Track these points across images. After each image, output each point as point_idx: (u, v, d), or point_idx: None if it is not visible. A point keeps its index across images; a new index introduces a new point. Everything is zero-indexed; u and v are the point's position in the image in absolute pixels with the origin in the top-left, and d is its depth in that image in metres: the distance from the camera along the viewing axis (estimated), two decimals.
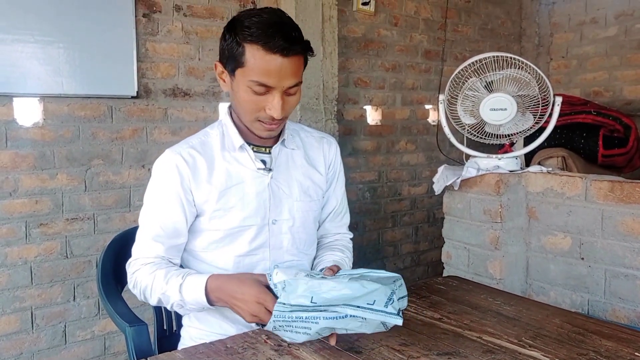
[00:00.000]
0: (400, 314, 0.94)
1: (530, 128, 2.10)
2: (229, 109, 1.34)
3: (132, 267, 1.24)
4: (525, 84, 2.04)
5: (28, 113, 2.17)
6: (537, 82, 2.02)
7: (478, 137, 2.17)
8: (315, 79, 2.78)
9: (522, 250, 2.12)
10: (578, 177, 1.96)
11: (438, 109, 2.25)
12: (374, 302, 0.92)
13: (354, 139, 3.23)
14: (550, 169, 2.12)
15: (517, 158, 2.16)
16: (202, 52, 2.58)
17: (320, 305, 0.92)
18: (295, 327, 0.94)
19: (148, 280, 1.19)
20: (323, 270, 1.17)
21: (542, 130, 2.12)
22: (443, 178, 2.20)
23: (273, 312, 0.95)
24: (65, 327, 2.31)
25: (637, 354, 1.04)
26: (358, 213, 3.24)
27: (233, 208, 1.25)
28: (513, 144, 2.28)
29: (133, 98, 2.39)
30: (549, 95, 2.04)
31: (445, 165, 2.30)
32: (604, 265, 1.88)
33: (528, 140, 2.19)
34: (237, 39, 1.14)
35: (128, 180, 2.41)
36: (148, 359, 1.03)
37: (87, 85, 2.26)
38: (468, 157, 2.24)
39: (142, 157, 2.44)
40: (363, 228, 3.29)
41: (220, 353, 1.02)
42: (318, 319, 0.93)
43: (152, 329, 1.38)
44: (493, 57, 2.04)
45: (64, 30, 2.19)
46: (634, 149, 2.86)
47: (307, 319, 0.93)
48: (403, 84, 3.44)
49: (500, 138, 2.15)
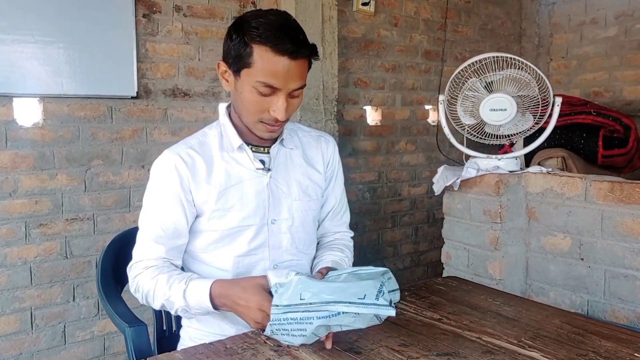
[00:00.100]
0: (393, 305, 0.94)
1: (530, 128, 2.10)
2: (227, 109, 1.34)
3: (133, 270, 1.23)
4: (525, 85, 2.04)
5: (28, 113, 2.17)
6: (537, 82, 2.02)
7: (478, 137, 2.17)
8: (315, 79, 2.79)
9: (521, 251, 2.12)
10: (578, 177, 1.96)
11: (438, 110, 2.25)
12: (365, 296, 0.92)
13: (354, 140, 3.23)
14: (550, 170, 2.12)
15: (516, 158, 2.16)
16: (202, 52, 2.58)
17: (311, 303, 0.93)
18: (291, 330, 0.94)
19: (150, 285, 1.18)
20: (314, 274, 1.18)
21: (542, 131, 2.12)
22: (443, 178, 2.20)
23: (270, 315, 0.95)
24: (65, 327, 2.31)
25: (636, 355, 1.04)
26: (358, 213, 3.24)
27: (232, 208, 1.25)
28: (513, 145, 2.28)
29: (133, 98, 2.39)
30: (549, 96, 2.03)
31: (445, 166, 2.30)
32: (604, 266, 1.88)
33: (528, 141, 2.19)
34: (244, 39, 1.14)
35: (128, 181, 2.41)
36: None
37: (87, 86, 2.26)
38: (468, 157, 2.24)
39: (142, 157, 2.44)
40: (363, 228, 3.29)
41: (220, 353, 1.02)
42: (312, 319, 0.93)
43: (151, 330, 1.38)
44: (493, 57, 2.04)
45: (64, 31, 2.19)
46: (634, 150, 2.86)
47: (301, 320, 0.93)
48: (403, 85, 3.44)
49: (500, 138, 2.15)
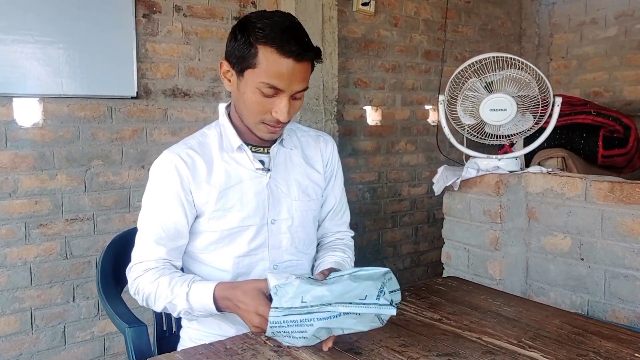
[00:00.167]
0: (394, 305, 0.93)
1: (530, 128, 2.10)
2: (227, 109, 1.34)
3: (133, 272, 1.22)
4: (525, 85, 2.04)
5: (28, 113, 2.17)
6: (537, 82, 2.02)
7: (478, 137, 2.17)
8: (315, 80, 2.79)
9: (522, 251, 2.12)
10: (578, 177, 1.96)
11: (438, 110, 2.25)
12: (366, 296, 0.92)
13: (354, 140, 3.23)
14: (550, 170, 2.12)
15: (517, 158, 2.16)
16: (202, 52, 2.58)
17: (312, 306, 0.92)
18: (292, 332, 0.94)
19: (151, 288, 1.18)
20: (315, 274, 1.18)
21: (542, 131, 2.12)
22: (443, 178, 2.20)
23: (268, 318, 0.95)
24: (65, 327, 2.31)
25: (637, 355, 1.04)
26: (358, 213, 3.24)
27: (232, 208, 1.25)
28: (513, 145, 2.28)
29: (133, 98, 2.39)
30: (549, 96, 2.03)
31: (445, 166, 2.30)
32: (604, 266, 1.88)
33: (528, 141, 2.19)
34: (249, 40, 1.14)
35: (128, 181, 2.41)
36: None
37: (86, 86, 2.26)
38: (468, 157, 2.24)
39: (141, 157, 2.44)
40: (363, 228, 3.29)
41: (220, 354, 1.02)
42: (312, 321, 0.93)
43: (151, 330, 1.38)
44: (493, 57, 2.04)
45: (64, 31, 2.19)
46: (634, 150, 2.86)
47: (301, 322, 0.93)
48: (403, 85, 3.44)
49: (500, 138, 2.15)
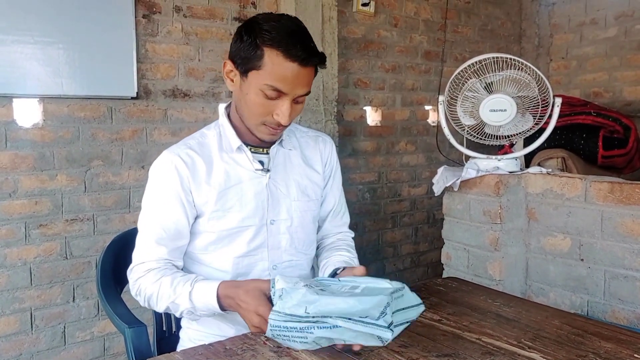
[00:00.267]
0: (392, 327, 0.91)
1: (530, 129, 2.10)
2: (226, 110, 1.35)
3: (134, 273, 1.22)
4: (525, 85, 2.04)
5: (28, 114, 2.17)
6: (536, 83, 2.02)
7: (478, 138, 2.17)
8: (315, 80, 2.74)
9: (521, 252, 2.12)
10: (578, 178, 1.96)
11: (438, 110, 2.25)
12: (367, 316, 0.91)
13: (354, 140, 3.23)
14: (550, 170, 2.12)
15: (516, 159, 2.16)
16: (201, 53, 2.58)
17: (314, 317, 0.92)
18: (292, 336, 0.93)
19: (153, 289, 1.18)
20: (338, 272, 1.19)
21: (541, 131, 2.12)
22: (443, 179, 2.20)
23: (269, 320, 0.94)
24: (65, 328, 2.31)
25: (636, 356, 1.04)
26: (358, 214, 3.24)
27: (231, 209, 1.26)
28: (513, 145, 2.28)
29: (133, 99, 2.39)
30: (549, 96, 2.03)
31: (445, 166, 2.30)
32: (604, 267, 1.88)
33: (528, 141, 2.19)
34: (256, 42, 1.14)
35: (128, 181, 2.41)
36: None
37: (86, 86, 2.26)
38: (468, 158, 2.24)
39: (141, 158, 2.44)
40: (363, 229, 3.29)
41: (219, 354, 1.02)
42: (312, 329, 0.92)
43: (151, 331, 1.38)
44: (493, 58, 2.04)
45: (64, 31, 2.19)
46: (634, 150, 2.86)
47: (301, 329, 0.92)
48: (403, 85, 3.44)
49: (500, 139, 2.15)
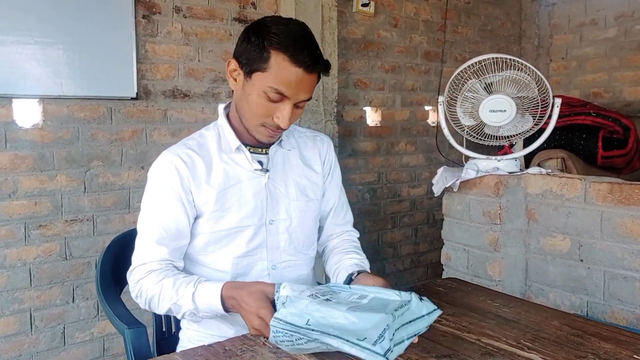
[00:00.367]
0: (389, 353, 0.89)
1: (530, 129, 2.10)
2: (225, 110, 1.35)
3: (135, 274, 1.22)
4: (525, 86, 2.04)
5: (27, 114, 2.17)
6: (536, 83, 2.02)
7: (477, 138, 2.17)
8: None
9: (521, 252, 2.12)
10: (577, 178, 1.96)
11: (437, 111, 2.25)
12: (364, 339, 0.88)
13: (354, 140, 3.23)
14: (550, 171, 2.12)
15: (516, 159, 2.16)
16: (201, 53, 2.58)
17: (314, 331, 0.91)
18: (292, 344, 0.93)
19: (155, 290, 1.17)
20: (353, 277, 1.22)
21: (541, 132, 2.12)
22: (442, 179, 2.20)
23: (270, 326, 0.94)
24: (64, 328, 2.31)
25: (636, 357, 1.03)
26: (358, 214, 3.23)
27: (230, 209, 1.26)
28: (512, 146, 2.28)
29: (132, 99, 2.39)
30: (549, 97, 2.03)
31: (445, 167, 2.30)
32: (603, 267, 1.88)
33: (527, 142, 2.19)
34: (263, 44, 1.15)
35: (127, 182, 2.41)
36: None
37: (86, 87, 2.26)
38: (467, 158, 2.24)
39: (141, 158, 2.44)
40: (363, 229, 3.29)
41: (219, 355, 1.02)
42: (311, 342, 0.92)
43: (150, 331, 1.38)
44: (492, 58, 2.04)
45: (64, 32, 2.19)
46: (634, 150, 2.86)
47: (300, 339, 0.92)
48: (403, 85, 3.44)
49: (500, 140, 2.15)
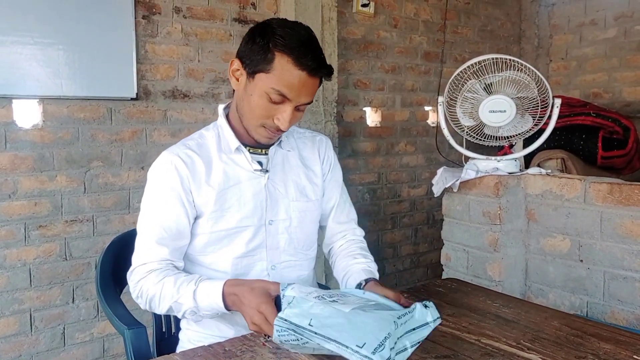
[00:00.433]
0: None
1: (530, 130, 2.10)
2: (225, 111, 1.35)
3: (135, 275, 1.21)
4: (525, 86, 2.04)
5: (27, 115, 2.17)
6: (536, 84, 2.02)
7: (477, 139, 2.17)
8: None
9: (521, 252, 2.12)
10: (577, 179, 1.96)
11: (437, 111, 2.25)
12: (364, 344, 0.87)
13: (354, 141, 3.23)
14: (550, 171, 2.12)
15: (516, 160, 2.16)
16: (201, 53, 2.58)
17: (316, 334, 0.91)
18: (300, 339, 0.93)
19: (156, 289, 1.17)
20: (361, 286, 1.23)
21: (541, 132, 2.12)
22: (442, 180, 2.20)
23: (274, 325, 0.94)
24: (64, 329, 2.31)
25: (635, 357, 1.04)
26: (358, 215, 3.22)
27: (230, 209, 1.26)
28: (512, 146, 2.28)
29: (132, 100, 2.39)
30: (548, 97, 2.03)
31: (445, 167, 2.30)
32: (603, 268, 1.88)
33: (527, 142, 2.19)
34: (268, 45, 1.15)
35: (127, 182, 2.41)
36: None
37: (86, 87, 2.26)
38: (467, 159, 2.24)
39: (141, 158, 2.44)
40: (363, 230, 3.28)
41: (219, 356, 1.02)
42: (312, 343, 0.92)
43: (150, 332, 1.38)
44: (492, 59, 2.04)
45: (64, 32, 2.19)
46: (634, 151, 2.86)
47: (300, 339, 0.92)
48: (402, 86, 3.44)
49: (500, 140, 2.15)
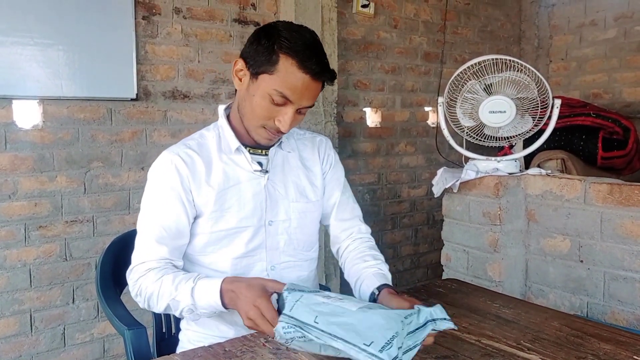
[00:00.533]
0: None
1: (530, 130, 2.10)
2: (225, 111, 1.35)
3: (134, 273, 1.21)
4: (525, 87, 2.04)
5: (27, 115, 2.17)
6: (536, 84, 2.02)
7: (477, 139, 2.17)
8: None
9: (521, 253, 2.12)
10: (577, 179, 1.96)
11: (437, 112, 2.25)
12: (371, 343, 0.86)
13: (354, 141, 3.23)
14: (550, 172, 2.12)
15: (516, 160, 2.16)
16: (201, 54, 2.58)
17: (322, 332, 0.90)
18: (302, 339, 0.92)
19: (154, 287, 1.17)
20: (375, 296, 1.20)
21: (541, 133, 2.12)
22: (442, 180, 2.20)
23: (279, 322, 0.93)
24: (64, 329, 2.31)
25: (635, 357, 1.04)
26: None
27: (230, 209, 1.26)
28: (512, 147, 2.28)
29: (132, 100, 2.39)
30: (548, 98, 2.04)
31: (445, 168, 2.30)
32: (603, 268, 1.88)
33: (527, 143, 2.19)
34: (273, 47, 1.15)
35: (127, 183, 2.41)
36: None
37: (86, 88, 2.26)
38: (467, 159, 2.24)
39: (141, 159, 2.44)
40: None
41: (219, 356, 1.02)
42: (318, 339, 0.91)
43: (150, 332, 1.38)
44: (492, 59, 2.04)
45: (64, 33, 2.19)
46: (633, 151, 2.86)
47: (306, 336, 0.91)
48: (402, 86, 3.44)
49: (500, 140, 2.15)
